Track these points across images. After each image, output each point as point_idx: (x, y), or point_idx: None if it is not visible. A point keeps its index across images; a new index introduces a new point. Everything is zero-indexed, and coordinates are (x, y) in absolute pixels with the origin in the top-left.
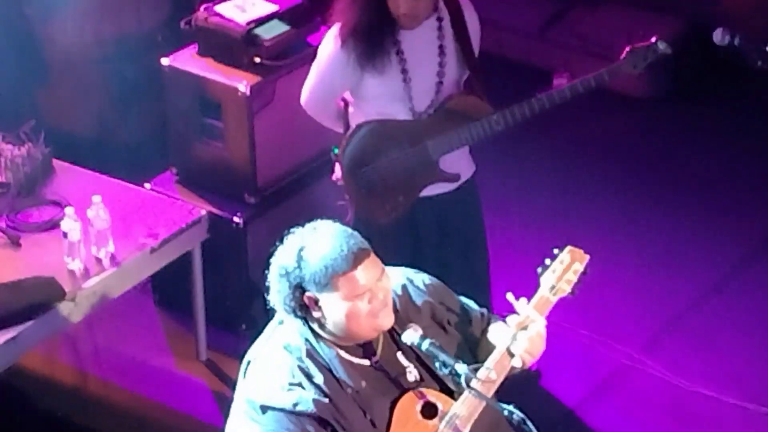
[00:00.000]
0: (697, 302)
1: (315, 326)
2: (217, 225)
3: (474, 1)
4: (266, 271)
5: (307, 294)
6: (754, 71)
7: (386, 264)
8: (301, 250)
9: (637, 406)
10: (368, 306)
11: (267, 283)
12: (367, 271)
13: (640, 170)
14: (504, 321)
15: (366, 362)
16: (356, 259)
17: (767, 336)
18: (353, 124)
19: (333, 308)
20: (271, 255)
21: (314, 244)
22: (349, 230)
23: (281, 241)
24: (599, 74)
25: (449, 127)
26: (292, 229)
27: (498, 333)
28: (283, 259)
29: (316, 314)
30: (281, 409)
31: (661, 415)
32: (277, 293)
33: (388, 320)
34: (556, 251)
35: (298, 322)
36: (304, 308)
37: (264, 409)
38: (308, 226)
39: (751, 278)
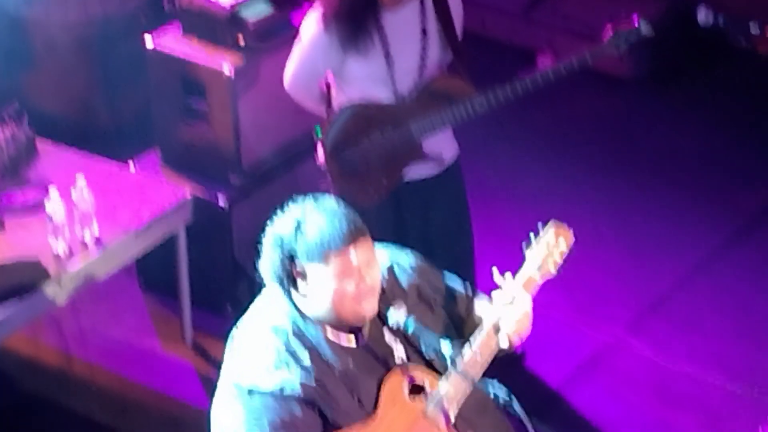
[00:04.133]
0: (681, 282)
1: (301, 305)
2: (202, 207)
3: None
4: (258, 244)
5: (297, 266)
6: (737, 50)
7: None
8: (299, 220)
9: (621, 386)
10: (355, 289)
11: (259, 249)
12: (360, 253)
13: (623, 150)
14: (489, 298)
15: (353, 342)
16: (352, 238)
17: (751, 315)
18: (336, 107)
19: (320, 284)
20: (259, 233)
21: (313, 217)
22: (350, 210)
23: (282, 210)
24: (582, 56)
25: (432, 109)
26: (292, 200)
27: (484, 312)
28: (279, 227)
29: (302, 289)
30: (267, 393)
31: (646, 394)
32: (268, 260)
33: (371, 309)
34: (539, 225)
35: (286, 303)
36: (291, 280)
37: (250, 392)
38: (309, 198)
39: (735, 258)
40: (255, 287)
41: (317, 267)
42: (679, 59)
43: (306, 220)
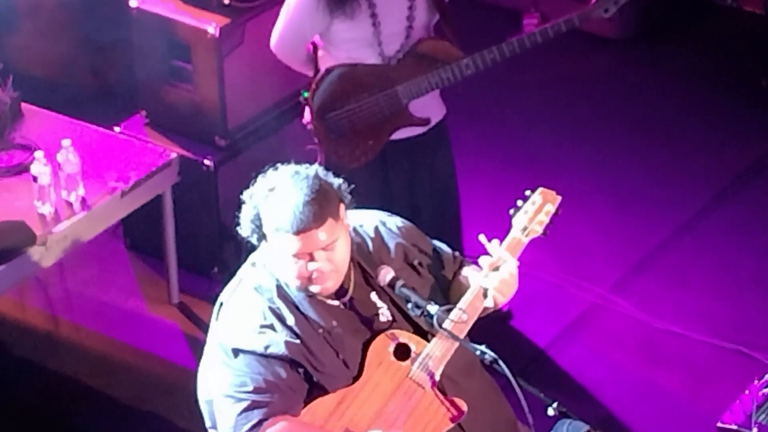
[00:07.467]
0: (667, 241)
1: None
2: (188, 168)
3: None
4: (238, 212)
5: (262, 227)
6: (723, 9)
7: (357, 208)
8: (272, 188)
9: (608, 345)
10: (306, 269)
11: (243, 199)
12: (308, 242)
13: (611, 110)
14: (476, 264)
15: (337, 302)
16: (301, 227)
17: (736, 273)
18: (323, 68)
19: (277, 251)
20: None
21: (283, 190)
22: (324, 191)
23: (271, 169)
24: (570, 19)
25: (419, 71)
26: (282, 164)
27: (470, 275)
28: (257, 187)
29: (268, 247)
30: (252, 352)
31: (632, 353)
32: (244, 213)
33: (324, 290)
34: (527, 192)
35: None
36: (261, 238)
37: (236, 352)
38: (300, 167)
39: (720, 217)
40: (241, 248)
41: (274, 236)
42: (666, 18)
43: (276, 191)
